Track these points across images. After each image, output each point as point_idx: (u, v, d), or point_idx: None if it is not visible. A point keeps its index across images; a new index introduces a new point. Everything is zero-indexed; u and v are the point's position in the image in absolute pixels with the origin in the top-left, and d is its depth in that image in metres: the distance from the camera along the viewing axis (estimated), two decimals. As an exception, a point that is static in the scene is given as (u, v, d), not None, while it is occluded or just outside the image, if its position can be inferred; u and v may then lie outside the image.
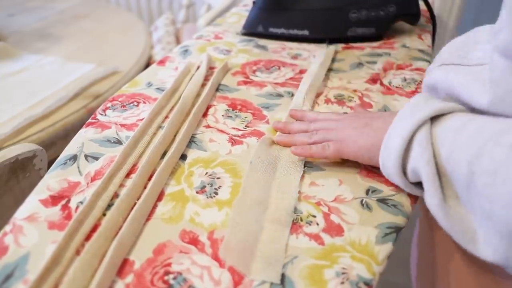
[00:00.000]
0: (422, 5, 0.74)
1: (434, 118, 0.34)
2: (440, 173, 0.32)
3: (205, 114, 0.50)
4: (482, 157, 0.27)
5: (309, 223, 0.35)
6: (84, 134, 0.44)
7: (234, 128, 0.47)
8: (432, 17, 0.74)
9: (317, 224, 0.35)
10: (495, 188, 0.26)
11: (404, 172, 0.35)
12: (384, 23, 0.70)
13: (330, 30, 0.69)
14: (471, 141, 0.29)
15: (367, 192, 0.39)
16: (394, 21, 0.71)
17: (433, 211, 0.31)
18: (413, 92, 0.55)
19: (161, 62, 0.61)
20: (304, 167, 0.41)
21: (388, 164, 0.35)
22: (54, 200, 0.36)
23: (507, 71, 0.30)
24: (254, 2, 0.70)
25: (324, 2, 0.67)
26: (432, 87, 0.41)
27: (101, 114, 0.48)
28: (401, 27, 0.76)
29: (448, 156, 0.31)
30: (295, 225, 0.35)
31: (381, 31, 0.70)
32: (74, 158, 0.41)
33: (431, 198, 0.31)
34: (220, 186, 0.39)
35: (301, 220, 0.36)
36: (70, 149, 0.42)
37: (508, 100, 0.30)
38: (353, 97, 0.54)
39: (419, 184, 0.35)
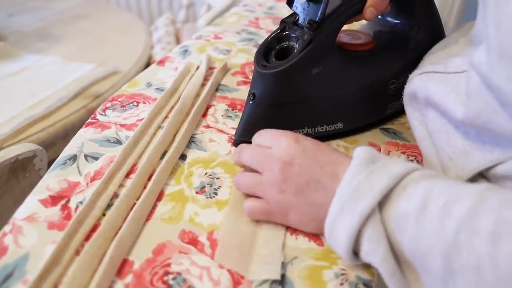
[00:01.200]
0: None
1: (382, 199, 0.29)
2: (400, 261, 0.28)
3: (204, 114, 0.50)
4: (460, 251, 0.24)
5: (309, 223, 0.35)
6: (84, 134, 0.44)
7: (233, 128, 0.47)
8: None
9: (317, 224, 0.35)
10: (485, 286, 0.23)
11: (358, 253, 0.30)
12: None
13: (370, 114, 0.48)
14: (439, 232, 0.25)
15: (366, 193, 0.38)
16: None
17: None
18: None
19: (161, 62, 0.61)
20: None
21: (337, 249, 0.31)
22: (53, 200, 0.36)
23: (482, 88, 0.29)
24: (253, 95, 0.42)
25: (359, 79, 0.45)
26: (412, 96, 0.41)
27: (101, 114, 0.48)
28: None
29: (414, 249, 0.27)
30: (295, 226, 0.35)
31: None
32: (73, 158, 0.41)
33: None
34: (220, 186, 0.39)
35: (301, 220, 0.35)
36: (69, 149, 0.42)
37: (483, 116, 0.30)
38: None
39: None
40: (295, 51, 0.41)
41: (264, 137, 0.38)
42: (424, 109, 0.40)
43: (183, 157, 0.42)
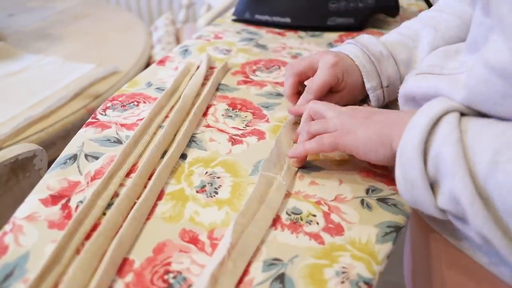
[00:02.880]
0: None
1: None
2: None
3: (205, 114, 0.50)
4: None
5: (309, 222, 0.35)
6: (84, 134, 0.44)
7: (234, 127, 0.47)
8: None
9: (317, 223, 0.35)
10: None
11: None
12: (362, 15, 0.73)
13: (311, 19, 0.73)
14: None
15: (367, 192, 0.39)
16: (374, 13, 0.75)
17: (464, 201, 0.27)
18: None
19: (161, 62, 0.61)
20: (304, 167, 0.41)
21: (408, 146, 0.31)
22: (54, 199, 0.36)
23: (486, 83, 0.29)
24: None
25: None
26: (408, 97, 0.40)
27: (101, 114, 0.48)
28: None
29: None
30: (295, 224, 0.35)
31: (359, 22, 0.73)
32: (74, 157, 0.41)
33: (460, 180, 0.27)
34: (220, 186, 0.39)
35: (301, 219, 0.35)
36: (70, 148, 0.42)
37: (483, 105, 0.30)
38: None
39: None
40: None
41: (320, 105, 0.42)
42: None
43: (183, 156, 0.42)
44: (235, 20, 0.79)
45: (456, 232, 0.36)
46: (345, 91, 0.49)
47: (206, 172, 0.40)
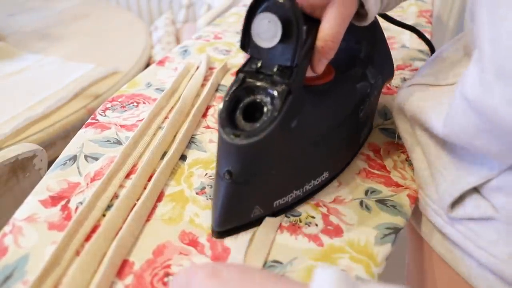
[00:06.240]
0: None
1: None
2: None
3: (204, 115, 0.50)
4: None
5: (308, 224, 0.35)
6: (84, 135, 0.44)
7: (233, 128, 0.47)
8: (431, 50, 0.61)
9: (316, 225, 0.35)
10: None
11: None
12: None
13: (349, 151, 0.44)
14: None
15: (366, 193, 0.39)
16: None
17: None
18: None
19: (161, 63, 0.61)
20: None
21: None
22: (53, 200, 0.36)
23: (465, 112, 0.29)
24: (228, 173, 0.32)
25: (333, 116, 0.39)
26: (400, 109, 0.41)
27: (101, 115, 0.48)
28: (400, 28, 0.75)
29: None
30: (294, 226, 0.35)
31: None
32: (73, 158, 0.41)
33: None
34: (220, 187, 0.39)
35: (300, 221, 0.36)
36: (69, 149, 0.42)
37: (462, 139, 0.30)
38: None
39: None
40: (270, 106, 0.31)
41: (179, 277, 0.27)
42: (412, 122, 0.40)
43: (183, 157, 0.42)
44: (219, 236, 0.37)
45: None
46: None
47: (206, 174, 0.40)
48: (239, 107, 0.32)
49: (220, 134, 0.31)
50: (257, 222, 0.35)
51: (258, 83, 0.32)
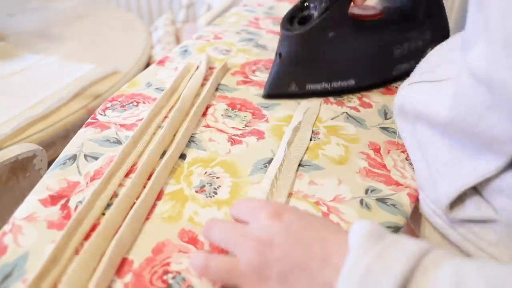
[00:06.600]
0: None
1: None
2: None
3: (204, 114, 0.50)
4: None
5: (308, 222, 0.35)
6: (84, 134, 0.44)
7: (233, 127, 0.47)
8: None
9: (316, 223, 0.35)
10: None
11: None
12: (421, 54, 0.53)
13: (377, 74, 0.56)
14: None
15: (366, 192, 0.39)
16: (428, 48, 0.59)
17: None
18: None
19: (161, 62, 0.61)
20: (303, 166, 0.42)
21: None
22: (53, 199, 0.36)
23: (471, 91, 0.28)
24: (279, 55, 0.51)
25: (368, 43, 0.53)
26: (401, 108, 0.40)
27: (101, 114, 0.48)
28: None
29: None
30: (294, 225, 0.35)
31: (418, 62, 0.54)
32: (73, 158, 0.41)
33: None
34: (220, 186, 0.39)
35: (300, 219, 0.35)
36: (69, 149, 0.42)
37: (468, 120, 0.29)
38: (352, 98, 0.54)
39: None
40: (314, 17, 0.49)
41: (241, 209, 0.31)
42: (413, 121, 0.39)
43: (182, 156, 0.42)
44: (269, 96, 0.54)
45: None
46: None
47: (206, 172, 0.40)
48: (297, 16, 0.51)
49: (281, 30, 0.50)
50: (292, 96, 0.53)
51: (312, 2, 0.51)
